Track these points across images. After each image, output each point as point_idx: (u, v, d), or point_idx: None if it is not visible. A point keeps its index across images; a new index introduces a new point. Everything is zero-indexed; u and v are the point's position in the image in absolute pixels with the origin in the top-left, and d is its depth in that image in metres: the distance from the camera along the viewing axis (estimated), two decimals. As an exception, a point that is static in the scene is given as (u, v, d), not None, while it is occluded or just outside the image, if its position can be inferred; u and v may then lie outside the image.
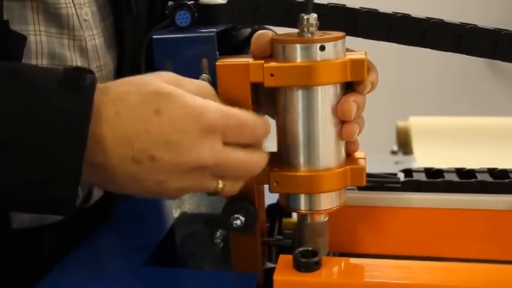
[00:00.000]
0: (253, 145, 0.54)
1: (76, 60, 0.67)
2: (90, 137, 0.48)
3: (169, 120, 0.49)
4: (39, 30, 0.63)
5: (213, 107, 0.51)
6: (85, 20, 0.68)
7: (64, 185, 0.48)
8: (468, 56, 0.58)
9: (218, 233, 0.66)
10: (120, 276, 0.60)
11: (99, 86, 0.50)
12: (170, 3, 0.59)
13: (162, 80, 0.51)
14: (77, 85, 0.48)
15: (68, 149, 0.47)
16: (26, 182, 0.47)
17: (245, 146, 0.53)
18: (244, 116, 0.52)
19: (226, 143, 0.51)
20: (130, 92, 0.50)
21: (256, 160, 0.54)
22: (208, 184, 0.52)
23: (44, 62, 0.64)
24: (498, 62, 0.57)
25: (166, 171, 0.50)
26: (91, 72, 0.50)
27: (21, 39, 0.60)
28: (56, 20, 0.65)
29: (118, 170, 0.50)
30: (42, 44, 0.63)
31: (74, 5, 0.66)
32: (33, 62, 0.63)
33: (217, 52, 0.57)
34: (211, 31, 0.57)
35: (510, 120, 1.36)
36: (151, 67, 0.60)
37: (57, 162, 0.47)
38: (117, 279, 0.60)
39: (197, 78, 0.57)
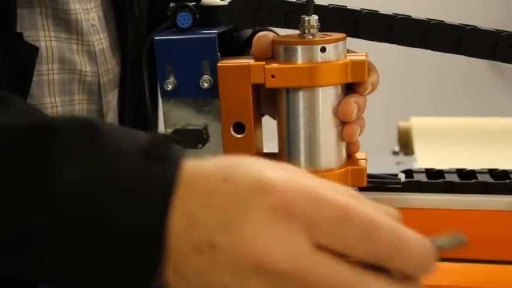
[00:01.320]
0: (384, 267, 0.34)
1: (85, 65, 0.68)
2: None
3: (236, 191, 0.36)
4: (49, 36, 0.63)
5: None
6: (92, 25, 0.68)
7: (141, 272, 0.35)
8: (469, 57, 0.58)
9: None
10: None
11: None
12: (172, 4, 0.59)
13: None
14: (163, 154, 0.38)
15: (143, 229, 0.35)
16: (92, 265, 0.35)
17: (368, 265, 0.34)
18: (368, 209, 0.34)
19: (322, 247, 0.33)
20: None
21: None
22: None
23: (54, 67, 0.64)
24: (499, 62, 0.58)
25: (226, 265, 0.34)
26: (178, 142, 0.40)
27: (34, 50, 0.60)
28: (65, 25, 0.65)
29: (184, 261, 0.35)
30: (52, 50, 0.64)
31: (82, 10, 0.66)
32: (44, 67, 0.63)
33: (219, 53, 0.57)
34: (212, 32, 0.57)
35: (511, 121, 1.36)
36: (152, 68, 0.60)
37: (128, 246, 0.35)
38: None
39: (198, 79, 0.58)
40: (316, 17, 0.54)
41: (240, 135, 0.58)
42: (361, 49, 0.58)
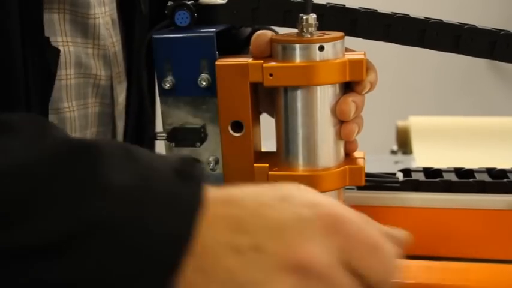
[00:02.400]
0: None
1: (100, 69, 0.68)
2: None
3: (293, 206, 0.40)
4: (67, 41, 0.63)
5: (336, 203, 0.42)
6: (107, 29, 0.68)
7: (161, 274, 0.38)
8: (468, 56, 0.58)
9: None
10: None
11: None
12: (170, 3, 0.59)
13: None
14: (191, 174, 0.41)
15: (173, 235, 0.38)
16: (118, 271, 0.37)
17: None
18: (379, 239, 0.41)
19: (347, 264, 0.39)
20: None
21: None
22: None
23: (71, 72, 0.64)
24: (498, 62, 0.58)
25: (266, 268, 0.38)
26: (198, 161, 0.49)
27: (57, 52, 0.61)
28: (82, 30, 0.65)
29: (214, 260, 0.39)
30: (70, 54, 0.64)
31: (100, 14, 0.67)
32: (63, 72, 0.63)
33: (217, 52, 0.57)
34: (210, 31, 0.57)
35: (509, 120, 1.36)
36: (151, 67, 0.60)
37: (157, 248, 0.37)
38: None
39: (197, 78, 0.58)
40: (314, 15, 0.54)
41: (238, 134, 0.58)
42: (360, 48, 0.58)
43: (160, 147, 0.64)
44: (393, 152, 1.34)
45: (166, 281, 0.37)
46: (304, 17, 0.54)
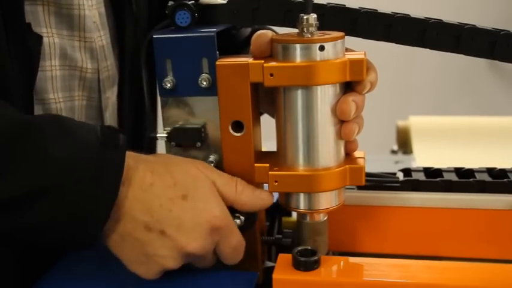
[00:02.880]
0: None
1: (86, 62, 0.68)
2: (120, 193, 0.54)
3: (191, 208, 0.55)
4: (52, 33, 0.64)
5: (226, 215, 0.57)
6: (94, 22, 0.68)
7: (91, 228, 0.53)
8: (468, 56, 0.58)
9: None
10: (119, 274, 0.60)
11: (132, 153, 0.57)
12: (170, 2, 0.59)
13: (197, 169, 0.57)
14: (114, 144, 0.54)
15: (100, 199, 0.53)
16: (60, 220, 0.52)
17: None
18: (240, 240, 0.58)
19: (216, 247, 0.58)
20: (168, 171, 0.56)
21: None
22: (198, 263, 0.59)
23: (56, 63, 0.65)
24: (498, 61, 0.58)
25: (167, 248, 0.55)
26: (122, 132, 0.56)
27: (39, 39, 0.62)
28: (68, 22, 0.65)
29: (129, 229, 0.55)
30: (54, 46, 0.64)
31: (86, 6, 0.67)
32: (47, 63, 0.64)
33: (217, 52, 0.57)
34: (211, 31, 0.57)
35: (509, 120, 1.36)
36: (151, 67, 0.60)
37: (89, 208, 0.52)
38: (116, 278, 0.60)
39: (197, 78, 0.58)
40: (314, 15, 0.54)
41: (238, 134, 0.58)
42: (360, 48, 0.58)
43: (161, 147, 0.64)
44: (393, 152, 1.34)
45: (93, 234, 0.54)
46: (305, 17, 0.54)
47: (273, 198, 0.60)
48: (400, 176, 0.71)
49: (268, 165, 0.58)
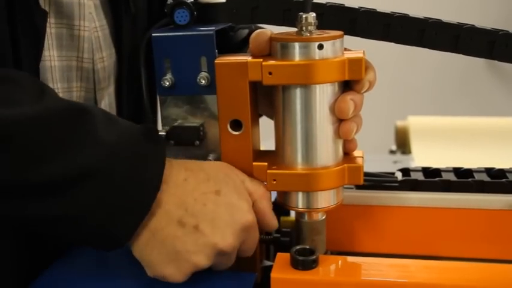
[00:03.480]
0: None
1: (82, 51, 0.68)
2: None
3: (225, 203, 0.55)
4: (49, 23, 0.64)
5: (253, 213, 0.57)
6: (90, 13, 0.69)
7: (131, 216, 0.53)
8: (467, 56, 0.58)
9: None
10: (117, 273, 0.60)
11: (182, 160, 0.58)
12: (169, 1, 0.59)
13: (229, 170, 0.58)
14: (155, 138, 0.55)
15: (145, 185, 0.53)
16: (107, 203, 0.52)
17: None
18: (258, 235, 0.59)
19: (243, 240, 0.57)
20: (201, 168, 0.57)
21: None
22: (220, 266, 0.58)
23: (54, 54, 0.65)
24: (497, 62, 0.58)
25: (200, 244, 0.54)
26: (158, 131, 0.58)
27: (45, 15, 0.62)
28: (68, 9, 0.66)
29: (163, 223, 0.54)
30: (52, 36, 0.64)
31: None
32: (46, 53, 0.64)
33: (216, 50, 0.57)
34: (210, 29, 0.57)
35: (508, 121, 1.36)
36: (150, 65, 0.60)
37: (134, 195, 0.53)
38: (115, 276, 0.60)
39: (196, 76, 0.58)
40: (313, 14, 0.54)
41: (237, 133, 0.58)
42: (359, 47, 0.58)
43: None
44: (392, 152, 1.34)
45: (132, 225, 0.53)
46: (304, 16, 0.54)
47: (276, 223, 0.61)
48: (399, 175, 0.71)
49: (266, 163, 0.58)
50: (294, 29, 0.55)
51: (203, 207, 0.54)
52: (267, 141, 0.64)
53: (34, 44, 0.61)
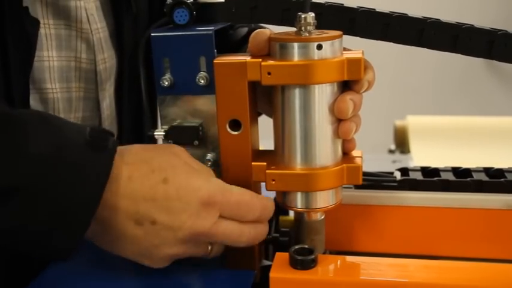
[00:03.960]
0: (252, 221, 0.57)
1: (82, 52, 0.68)
2: (104, 196, 0.51)
3: (175, 189, 0.53)
4: (48, 24, 0.65)
5: (214, 183, 0.55)
6: (91, 14, 0.69)
7: (69, 235, 0.51)
8: (466, 56, 0.58)
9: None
10: (117, 272, 0.60)
11: (118, 148, 0.54)
12: (169, 1, 0.59)
13: (172, 153, 0.56)
14: (102, 145, 0.52)
15: (82, 203, 0.50)
16: (34, 225, 0.49)
17: (243, 220, 0.57)
18: (243, 195, 0.56)
19: (223, 217, 0.55)
20: (143, 160, 0.55)
21: (247, 231, 0.57)
22: (197, 251, 0.57)
23: (53, 54, 0.65)
24: (496, 61, 0.58)
25: (163, 236, 0.54)
26: (112, 134, 0.54)
27: (37, 23, 0.62)
28: (65, 13, 0.66)
29: (120, 229, 0.54)
30: (51, 37, 0.65)
31: None
32: (45, 53, 0.64)
33: (215, 50, 0.57)
34: (209, 29, 0.57)
35: (507, 120, 1.36)
36: (149, 65, 0.60)
37: (68, 212, 0.50)
38: (115, 276, 0.60)
39: (195, 76, 0.58)
40: (312, 14, 0.54)
41: (236, 132, 0.58)
42: (358, 47, 0.58)
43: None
44: (391, 151, 1.34)
45: (74, 241, 0.51)
46: (303, 16, 0.54)
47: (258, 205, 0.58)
48: (398, 175, 0.71)
49: (265, 163, 0.58)
50: (293, 29, 0.55)
51: (154, 202, 0.53)
52: (265, 140, 0.64)
53: (25, 52, 0.61)
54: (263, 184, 0.60)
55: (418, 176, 0.69)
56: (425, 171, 0.71)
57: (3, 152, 0.48)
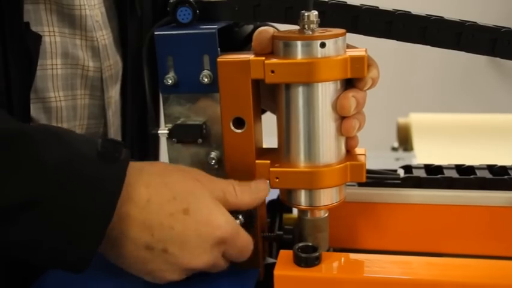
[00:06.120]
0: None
1: (88, 60, 0.68)
2: (117, 211, 0.50)
3: (195, 223, 0.53)
4: (53, 31, 0.64)
5: (231, 222, 0.55)
6: (96, 21, 0.69)
7: (84, 248, 0.50)
8: (469, 53, 0.58)
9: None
10: (117, 273, 0.60)
11: (133, 164, 0.53)
12: (172, -1, 0.59)
13: (194, 179, 0.56)
14: (114, 157, 0.51)
15: (96, 214, 0.50)
16: (49, 239, 0.49)
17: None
18: (248, 242, 0.57)
19: (223, 254, 0.57)
20: (164, 184, 0.54)
21: (225, 266, 0.59)
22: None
23: (58, 62, 0.65)
24: (499, 59, 0.58)
25: (170, 264, 0.54)
26: (124, 146, 0.53)
27: (39, 38, 0.61)
28: (70, 21, 0.66)
29: (129, 250, 0.53)
30: (56, 45, 0.64)
31: (88, 6, 0.67)
32: (48, 62, 0.64)
33: (219, 49, 0.57)
34: (212, 28, 0.57)
35: (510, 117, 1.36)
36: (153, 64, 0.60)
37: (83, 224, 0.49)
38: (115, 277, 0.60)
39: (198, 74, 0.58)
40: (316, 12, 0.54)
41: (239, 130, 0.58)
42: (361, 45, 0.58)
43: (165, 143, 0.64)
44: (394, 149, 1.34)
45: (85, 257, 0.50)
46: (306, 14, 0.54)
47: (268, 185, 0.59)
48: (401, 172, 0.71)
49: (269, 161, 0.58)
50: (297, 27, 0.56)
51: (171, 231, 0.53)
52: (269, 138, 0.64)
53: (26, 68, 0.61)
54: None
55: (422, 173, 0.69)
56: (429, 168, 0.71)
57: (18, 167, 0.48)
